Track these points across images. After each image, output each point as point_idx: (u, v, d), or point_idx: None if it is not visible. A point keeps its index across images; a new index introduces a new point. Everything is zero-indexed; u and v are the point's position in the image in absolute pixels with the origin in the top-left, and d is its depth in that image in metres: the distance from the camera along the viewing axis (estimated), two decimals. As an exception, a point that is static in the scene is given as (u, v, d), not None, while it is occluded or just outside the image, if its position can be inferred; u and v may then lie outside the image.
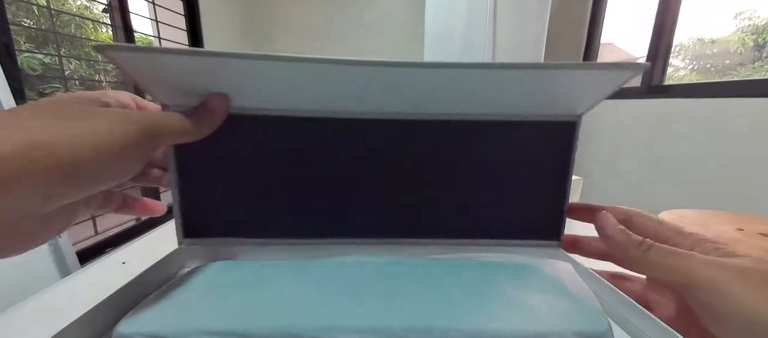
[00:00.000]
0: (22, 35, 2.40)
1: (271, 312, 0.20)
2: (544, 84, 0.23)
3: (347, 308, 0.20)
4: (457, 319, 0.19)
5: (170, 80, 0.21)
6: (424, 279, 0.24)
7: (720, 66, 1.54)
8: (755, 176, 1.08)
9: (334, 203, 0.28)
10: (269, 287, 0.23)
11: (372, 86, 0.23)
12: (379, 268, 0.25)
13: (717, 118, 1.19)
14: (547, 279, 0.24)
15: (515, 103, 0.25)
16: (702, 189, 1.24)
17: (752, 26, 1.41)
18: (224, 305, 0.21)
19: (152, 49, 0.18)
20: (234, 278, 0.24)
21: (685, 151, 1.30)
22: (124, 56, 0.19)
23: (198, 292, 0.22)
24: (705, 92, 1.26)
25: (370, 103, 0.25)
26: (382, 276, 0.24)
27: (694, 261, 0.18)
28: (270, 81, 0.22)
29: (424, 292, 0.22)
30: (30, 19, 2.47)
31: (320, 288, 0.22)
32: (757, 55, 1.38)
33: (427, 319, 0.19)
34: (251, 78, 0.22)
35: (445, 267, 0.26)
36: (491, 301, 0.21)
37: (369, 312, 0.20)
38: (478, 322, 0.19)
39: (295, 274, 0.24)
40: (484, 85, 0.23)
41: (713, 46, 1.56)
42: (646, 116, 1.46)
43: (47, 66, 2.50)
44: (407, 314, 0.20)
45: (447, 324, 0.19)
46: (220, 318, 0.19)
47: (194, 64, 0.20)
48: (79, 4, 3.01)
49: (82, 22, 2.71)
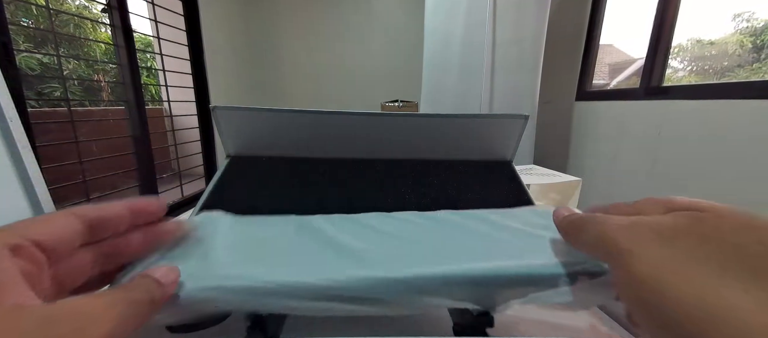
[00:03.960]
0: (21, 35, 2.39)
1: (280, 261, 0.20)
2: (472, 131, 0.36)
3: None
4: (469, 259, 0.19)
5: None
6: (424, 226, 0.25)
7: (718, 68, 1.55)
8: (754, 177, 1.08)
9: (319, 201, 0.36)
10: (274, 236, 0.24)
11: (354, 132, 0.39)
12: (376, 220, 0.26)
13: (715, 120, 1.19)
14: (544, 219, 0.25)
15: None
16: (701, 190, 1.24)
17: (750, 28, 1.41)
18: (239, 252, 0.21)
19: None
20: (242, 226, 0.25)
21: (683, 152, 1.31)
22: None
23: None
24: (703, 94, 1.26)
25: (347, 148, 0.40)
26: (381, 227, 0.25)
27: (608, 224, 0.16)
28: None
29: (430, 237, 0.23)
30: (28, 19, 2.47)
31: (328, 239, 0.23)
32: (756, 56, 1.39)
33: (437, 261, 0.19)
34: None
35: (445, 217, 0.27)
36: (497, 242, 0.22)
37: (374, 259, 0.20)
38: (489, 262, 0.19)
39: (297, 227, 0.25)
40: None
41: (712, 48, 1.57)
42: (645, 117, 1.47)
43: (46, 66, 2.49)
44: (418, 258, 0.20)
45: (458, 266, 0.19)
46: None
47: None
48: (77, 3, 3.00)
49: (80, 21, 2.70)
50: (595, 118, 1.82)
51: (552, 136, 2.02)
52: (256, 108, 0.38)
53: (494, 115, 0.39)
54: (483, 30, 1.59)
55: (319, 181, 0.38)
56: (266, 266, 0.19)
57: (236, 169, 0.39)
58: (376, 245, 0.21)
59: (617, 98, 1.68)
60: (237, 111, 0.38)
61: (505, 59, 1.62)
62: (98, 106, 2.32)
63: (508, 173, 0.39)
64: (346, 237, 0.22)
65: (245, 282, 0.18)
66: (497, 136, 0.40)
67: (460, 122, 0.40)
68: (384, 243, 0.22)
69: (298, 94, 2.68)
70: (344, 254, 0.20)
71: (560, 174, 0.59)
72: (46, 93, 2.43)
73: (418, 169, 0.39)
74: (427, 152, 0.41)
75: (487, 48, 1.60)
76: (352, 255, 0.20)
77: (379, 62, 2.57)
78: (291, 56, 2.61)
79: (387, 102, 2.38)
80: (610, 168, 1.67)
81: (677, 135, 1.33)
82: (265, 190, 0.36)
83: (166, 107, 1.81)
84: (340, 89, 2.66)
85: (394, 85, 2.53)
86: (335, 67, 2.62)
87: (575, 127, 1.96)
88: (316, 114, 0.38)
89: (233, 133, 0.39)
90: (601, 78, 2.02)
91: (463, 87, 1.68)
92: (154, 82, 2.44)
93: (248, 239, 0.22)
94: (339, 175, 0.38)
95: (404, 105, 2.32)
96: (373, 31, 2.52)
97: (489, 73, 1.63)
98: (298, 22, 2.54)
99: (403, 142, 0.40)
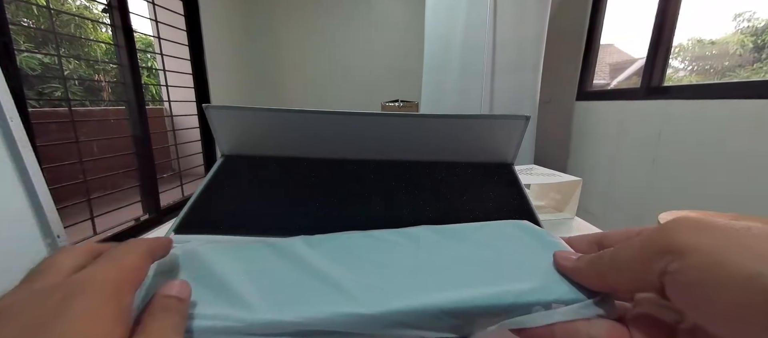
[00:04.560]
0: (22, 35, 2.40)
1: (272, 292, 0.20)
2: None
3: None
4: (446, 287, 0.19)
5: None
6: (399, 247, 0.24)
7: (719, 67, 1.54)
8: (755, 177, 1.08)
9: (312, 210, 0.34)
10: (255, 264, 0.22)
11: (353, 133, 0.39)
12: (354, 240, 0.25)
13: (716, 120, 1.19)
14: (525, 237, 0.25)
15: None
16: (702, 190, 1.24)
17: (751, 28, 1.41)
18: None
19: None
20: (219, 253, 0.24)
21: (684, 152, 1.30)
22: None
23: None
24: (704, 93, 1.26)
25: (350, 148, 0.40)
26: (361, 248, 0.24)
27: (631, 239, 0.15)
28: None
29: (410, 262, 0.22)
30: (29, 19, 2.47)
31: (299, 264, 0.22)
32: (757, 56, 1.38)
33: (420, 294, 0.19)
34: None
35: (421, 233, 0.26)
36: (478, 265, 0.21)
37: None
38: (466, 289, 0.19)
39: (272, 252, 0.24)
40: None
41: (712, 48, 1.57)
42: (646, 117, 1.46)
43: (46, 66, 2.50)
44: (398, 287, 0.19)
45: (438, 296, 0.19)
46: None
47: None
48: (78, 4, 3.00)
49: (81, 21, 2.70)
50: (595, 118, 1.82)
51: (552, 135, 2.02)
52: (249, 107, 0.37)
53: (494, 116, 0.38)
54: (483, 30, 1.59)
55: (313, 183, 0.37)
56: (242, 303, 0.18)
57: (229, 168, 0.39)
58: (356, 272, 0.21)
59: (618, 98, 1.68)
60: (230, 110, 0.38)
61: (506, 59, 1.62)
62: (99, 106, 2.33)
63: (507, 177, 0.38)
64: (326, 264, 0.21)
65: (220, 323, 0.17)
66: (498, 137, 0.39)
67: (459, 123, 0.39)
68: (364, 269, 0.21)
69: (298, 93, 2.68)
70: (326, 284, 0.20)
71: (560, 174, 0.59)
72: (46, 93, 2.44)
73: (417, 171, 0.38)
74: (427, 154, 0.40)
75: (488, 48, 1.60)
76: (333, 286, 0.19)
77: (379, 62, 2.57)
78: (291, 55, 2.61)
79: (387, 102, 2.38)
80: (610, 168, 1.67)
81: (677, 135, 1.33)
82: (258, 190, 0.36)
83: (166, 107, 1.81)
84: (341, 89, 2.66)
85: (394, 85, 2.53)
86: (336, 67, 2.62)
87: (576, 126, 1.96)
88: (311, 114, 0.38)
89: (227, 132, 0.39)
90: (601, 78, 2.02)
91: (463, 87, 1.68)
92: (155, 81, 2.44)
93: (222, 271, 0.21)
94: (334, 176, 0.38)
95: (404, 105, 2.32)
96: (374, 31, 2.52)
97: (489, 73, 1.63)
98: (299, 21, 2.54)
99: (401, 143, 0.39)
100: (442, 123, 0.39)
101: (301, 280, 0.20)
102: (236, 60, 2.39)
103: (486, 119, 0.42)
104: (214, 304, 0.18)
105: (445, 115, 0.38)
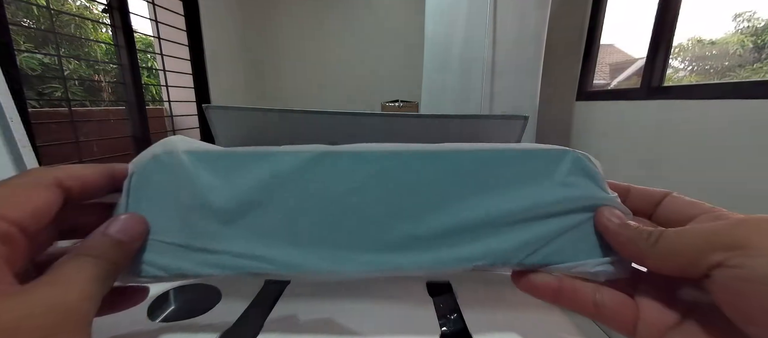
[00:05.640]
0: (21, 35, 2.40)
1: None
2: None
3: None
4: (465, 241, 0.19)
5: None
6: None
7: (719, 67, 1.54)
8: (755, 177, 1.08)
9: None
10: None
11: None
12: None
13: (716, 120, 1.19)
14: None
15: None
16: (702, 191, 1.24)
17: (751, 28, 1.41)
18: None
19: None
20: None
21: (684, 152, 1.30)
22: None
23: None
24: (704, 94, 1.26)
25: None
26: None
27: (715, 227, 0.14)
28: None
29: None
30: (29, 19, 2.47)
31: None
32: (757, 56, 1.39)
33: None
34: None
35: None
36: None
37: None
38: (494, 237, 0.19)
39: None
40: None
41: (712, 48, 1.57)
42: (646, 117, 1.46)
43: (47, 66, 2.50)
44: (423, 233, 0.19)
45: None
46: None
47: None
48: (78, 4, 3.00)
49: (81, 22, 2.70)
50: (595, 118, 1.82)
51: (553, 135, 2.02)
52: (250, 108, 0.37)
53: (494, 116, 0.38)
54: (483, 30, 1.59)
55: None
56: (270, 240, 0.17)
57: None
58: (386, 205, 0.19)
59: (618, 98, 1.68)
60: (230, 111, 0.38)
61: (506, 59, 1.62)
62: (99, 106, 2.33)
63: None
64: (360, 198, 0.19)
65: (249, 263, 0.17)
66: (497, 137, 0.39)
67: (459, 123, 0.39)
68: (392, 199, 0.20)
69: (298, 92, 2.68)
70: (363, 223, 0.19)
71: (560, 174, 0.59)
72: (46, 93, 2.43)
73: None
74: None
75: (488, 48, 1.60)
76: (370, 227, 0.19)
77: (379, 62, 2.57)
78: (292, 55, 2.61)
79: (387, 102, 2.38)
80: (610, 168, 1.67)
81: (678, 135, 1.33)
82: None
83: (166, 107, 1.81)
84: (341, 88, 2.66)
85: (394, 85, 2.53)
86: (336, 67, 2.62)
87: (576, 126, 1.96)
88: (311, 114, 0.38)
89: (227, 132, 0.39)
90: (601, 78, 2.02)
91: (463, 87, 1.68)
92: (155, 82, 2.44)
93: (237, 191, 0.18)
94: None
95: (404, 105, 2.32)
96: (374, 31, 2.52)
97: (489, 73, 1.63)
98: (299, 21, 2.54)
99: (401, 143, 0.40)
100: (442, 123, 0.39)
101: (338, 217, 0.19)
102: (236, 60, 2.39)
103: (485, 119, 0.42)
104: (238, 238, 0.17)
105: (445, 115, 0.38)
